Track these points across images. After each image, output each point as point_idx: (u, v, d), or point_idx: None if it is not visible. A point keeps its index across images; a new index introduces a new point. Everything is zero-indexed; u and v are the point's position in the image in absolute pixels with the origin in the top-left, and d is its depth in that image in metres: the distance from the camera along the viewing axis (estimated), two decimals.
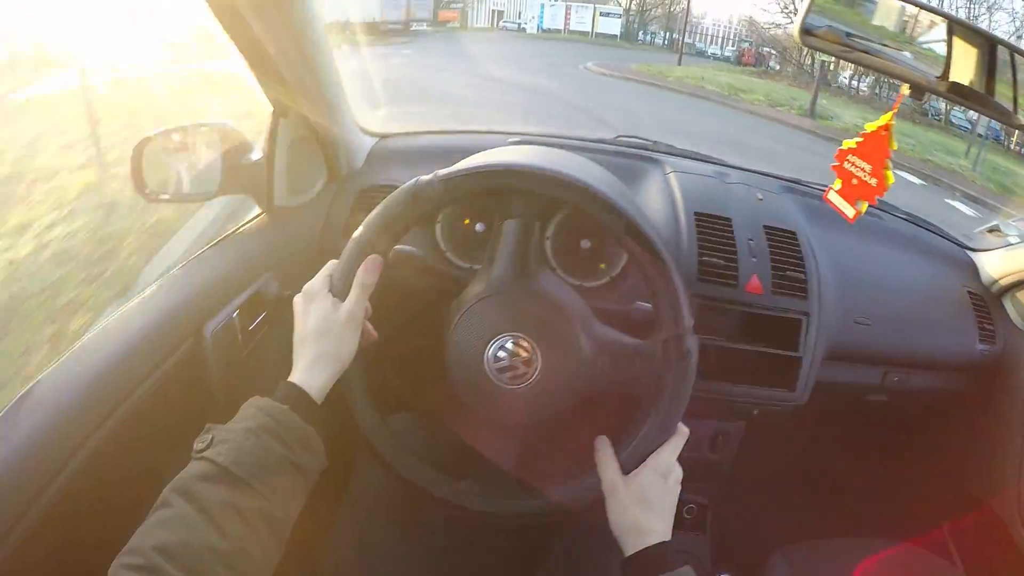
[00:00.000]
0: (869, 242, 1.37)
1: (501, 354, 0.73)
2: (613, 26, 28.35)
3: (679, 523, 1.32)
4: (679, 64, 20.16)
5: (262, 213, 1.12)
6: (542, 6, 27.03)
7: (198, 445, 0.62)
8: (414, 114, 7.10)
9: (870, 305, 1.26)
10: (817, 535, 1.19)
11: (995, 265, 1.45)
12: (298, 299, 0.76)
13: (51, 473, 0.70)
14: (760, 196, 1.27)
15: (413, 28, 21.54)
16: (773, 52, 23.97)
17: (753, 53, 25.49)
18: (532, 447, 0.88)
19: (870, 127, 0.81)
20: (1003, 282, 1.41)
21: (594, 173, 1.03)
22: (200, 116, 1.12)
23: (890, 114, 0.79)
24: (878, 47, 0.83)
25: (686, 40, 26.29)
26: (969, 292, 1.40)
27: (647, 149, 1.42)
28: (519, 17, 27.54)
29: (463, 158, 0.98)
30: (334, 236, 1.13)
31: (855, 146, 0.84)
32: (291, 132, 1.05)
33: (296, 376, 0.71)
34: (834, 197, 0.88)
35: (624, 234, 0.73)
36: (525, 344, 0.73)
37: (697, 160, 1.42)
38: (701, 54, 26.78)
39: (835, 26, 0.82)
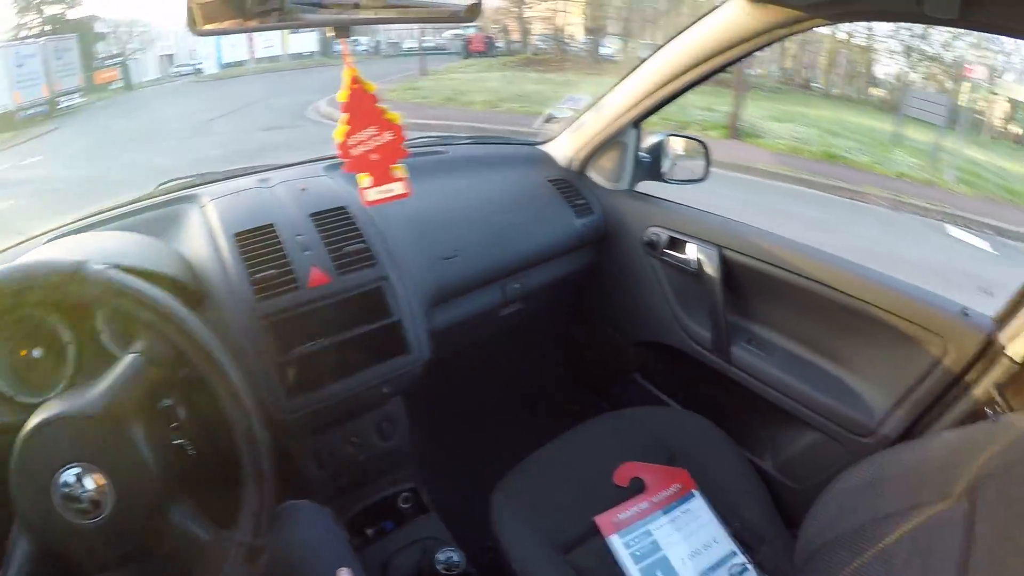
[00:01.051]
0: (438, 178, 1.39)
1: (71, 484, 0.67)
2: (308, 41, 23.39)
3: (403, 515, 1.28)
4: (422, 73, 15.20)
5: None
6: (217, 38, 20.98)
7: None
8: None
9: (456, 238, 1.29)
10: (527, 454, 1.21)
11: (565, 147, 1.57)
12: None
13: None
14: (304, 187, 1.23)
15: (63, 104, 16.22)
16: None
17: (483, 39, 18.74)
18: None
19: (342, 96, 0.74)
20: (577, 158, 1.54)
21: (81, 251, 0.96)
22: None
23: (347, 67, 0.74)
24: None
25: (387, 40, 21.65)
26: (551, 180, 1.51)
27: (186, 188, 1.29)
28: (191, 57, 21.65)
29: None
30: None
31: (347, 127, 0.77)
32: None
33: None
34: (374, 194, 0.82)
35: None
36: (95, 475, 0.68)
37: (239, 177, 1.32)
38: (403, 54, 20.81)
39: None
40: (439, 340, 1.18)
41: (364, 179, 0.80)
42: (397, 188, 0.81)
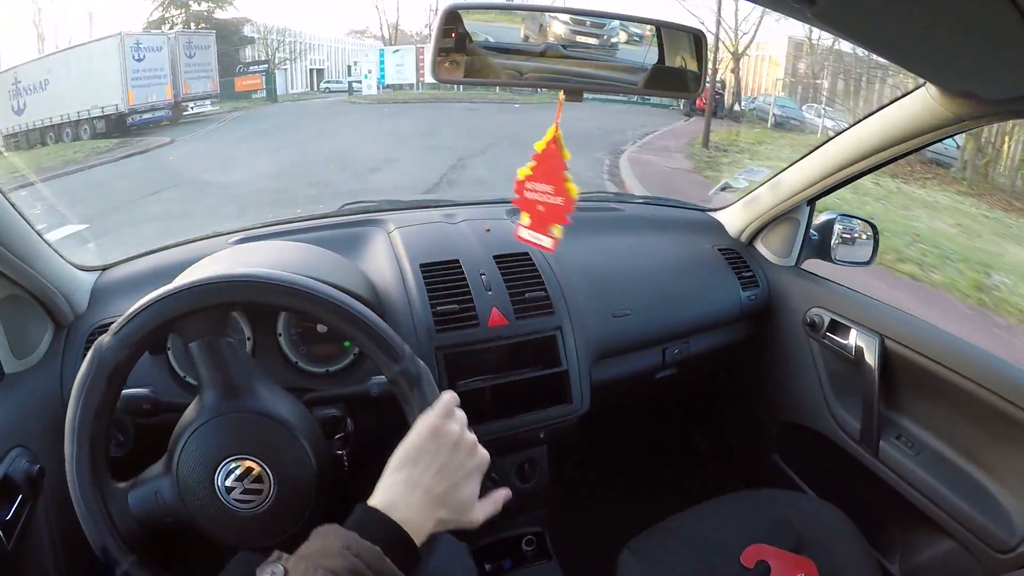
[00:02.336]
0: (614, 235, 1.43)
1: (231, 478, 0.70)
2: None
3: (524, 557, 1.30)
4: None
5: None
6: (381, 52, 19.25)
7: None
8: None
9: (627, 296, 1.31)
10: (656, 518, 1.20)
11: (737, 217, 1.58)
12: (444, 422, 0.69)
13: None
14: (489, 227, 1.29)
15: (191, 110, 14.05)
16: None
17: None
18: None
19: (539, 146, 0.80)
20: (748, 230, 1.55)
21: (265, 260, 1.03)
22: None
23: (554, 126, 0.79)
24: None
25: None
26: (720, 250, 1.51)
27: (371, 212, 1.41)
28: (350, 74, 20.21)
29: (184, 270, 0.96)
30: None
31: (531, 172, 0.82)
32: None
33: (399, 513, 0.61)
34: (526, 234, 0.85)
35: (290, 302, 0.72)
36: (252, 465, 0.71)
37: (424, 208, 1.43)
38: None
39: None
40: (596, 394, 1.19)
41: (525, 218, 0.85)
42: (546, 242, 0.84)
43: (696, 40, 0.80)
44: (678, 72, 0.82)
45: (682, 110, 14.62)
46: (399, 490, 0.63)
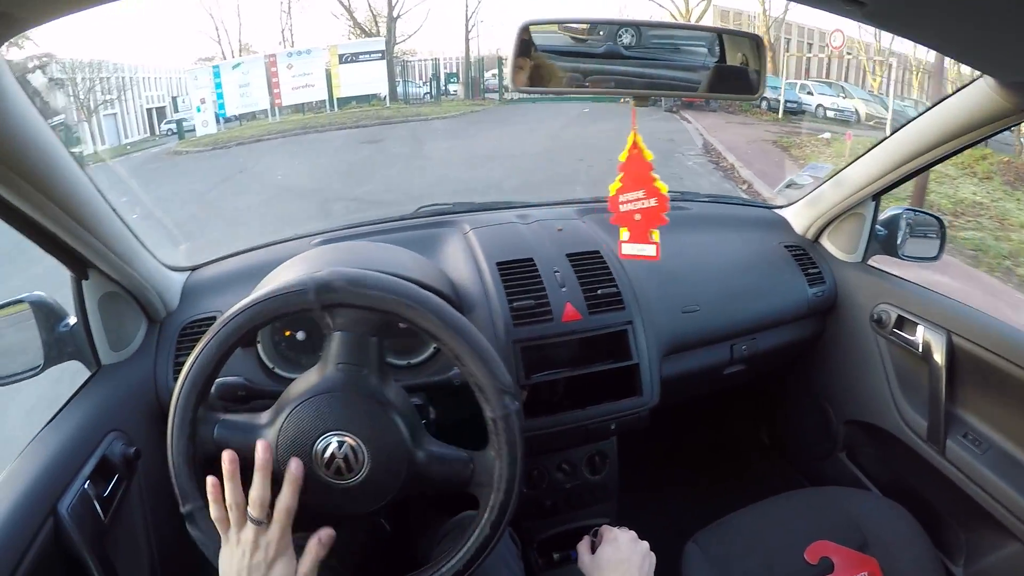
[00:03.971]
0: (681, 233, 1.45)
1: (329, 450, 0.72)
2: (374, 76, 15.26)
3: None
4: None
5: (93, 375, 1.10)
6: (216, 71, 14.09)
7: None
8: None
9: (696, 292, 1.34)
10: (721, 513, 1.22)
11: (802, 214, 1.58)
12: (253, 547, 0.69)
13: None
14: (560, 227, 1.34)
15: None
16: None
17: None
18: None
19: (622, 156, 0.83)
20: (814, 226, 1.55)
21: (356, 259, 1.07)
22: None
23: (632, 132, 0.83)
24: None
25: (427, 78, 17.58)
26: (786, 246, 1.52)
27: (446, 213, 1.47)
28: (176, 109, 14.62)
29: (270, 271, 1.03)
30: (166, 379, 1.13)
31: (620, 184, 0.85)
32: (96, 290, 1.05)
33: None
34: (630, 249, 0.87)
35: (431, 325, 0.74)
36: (351, 441, 0.73)
37: (497, 210, 1.49)
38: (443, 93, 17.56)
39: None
40: (665, 388, 1.22)
41: (624, 233, 0.87)
42: (649, 250, 0.86)
43: (755, 44, 0.82)
44: (741, 71, 0.83)
45: (662, 107, 13.84)
46: None
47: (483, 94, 17.65)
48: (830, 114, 13.35)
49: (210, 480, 0.70)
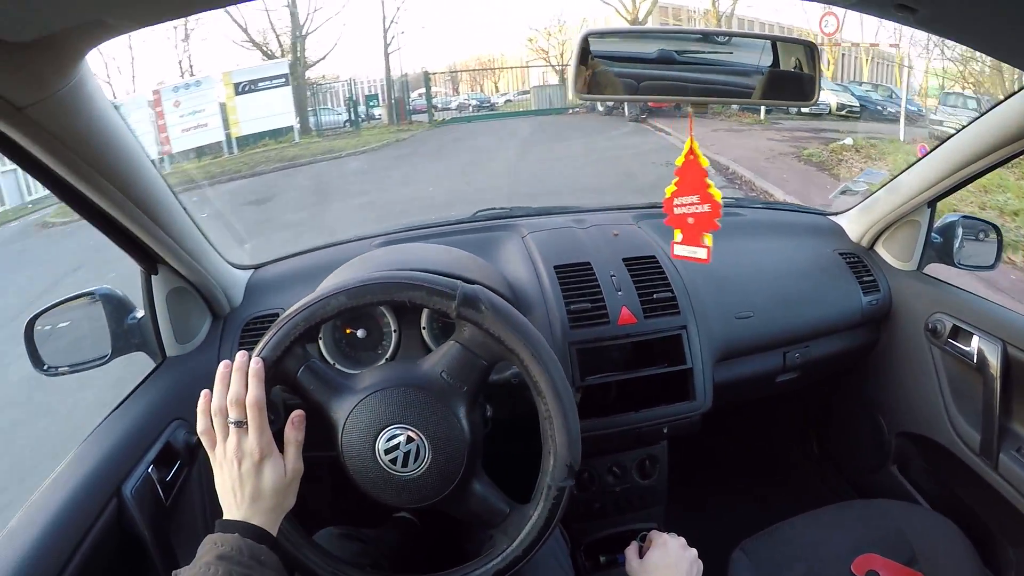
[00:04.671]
0: (735, 239, 1.45)
1: (397, 440, 0.75)
2: (280, 107, 13.09)
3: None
4: None
5: (158, 366, 1.15)
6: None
7: None
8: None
9: (749, 298, 1.34)
10: (769, 522, 1.22)
11: (857, 221, 1.56)
12: (238, 454, 0.72)
13: None
14: (616, 232, 1.36)
15: None
16: None
17: None
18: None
19: (679, 161, 0.85)
20: (868, 234, 1.53)
21: (416, 259, 1.10)
22: None
23: (690, 138, 0.85)
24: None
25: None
26: (840, 254, 1.51)
27: (503, 217, 1.50)
28: None
29: (333, 271, 1.07)
30: None
31: (676, 188, 0.87)
32: (165, 285, 1.10)
33: (258, 520, 0.71)
34: (682, 250, 0.90)
35: (544, 383, 0.77)
36: (419, 442, 0.75)
37: (553, 214, 1.51)
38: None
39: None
40: (717, 394, 1.23)
41: (677, 235, 0.89)
42: (701, 254, 0.88)
43: (809, 51, 0.83)
44: (796, 76, 0.83)
45: (627, 116, 13.26)
46: None
47: (410, 116, 16.31)
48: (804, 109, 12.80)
49: (203, 392, 0.74)
